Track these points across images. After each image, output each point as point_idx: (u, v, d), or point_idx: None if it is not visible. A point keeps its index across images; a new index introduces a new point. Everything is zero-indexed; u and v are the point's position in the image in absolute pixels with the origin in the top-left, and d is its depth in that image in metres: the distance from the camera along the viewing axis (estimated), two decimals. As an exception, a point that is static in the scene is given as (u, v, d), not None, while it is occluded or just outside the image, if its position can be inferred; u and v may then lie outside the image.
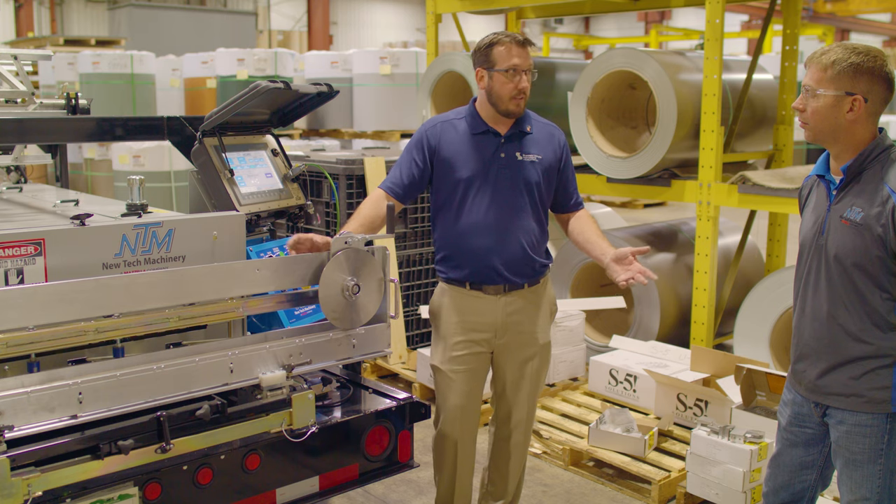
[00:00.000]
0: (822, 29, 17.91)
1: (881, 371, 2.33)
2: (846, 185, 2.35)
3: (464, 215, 3.02)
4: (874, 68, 2.26)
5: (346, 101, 10.01)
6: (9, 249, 2.39)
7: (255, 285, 2.64)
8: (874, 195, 2.28)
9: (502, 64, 2.93)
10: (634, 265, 2.85)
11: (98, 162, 10.28)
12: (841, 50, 2.28)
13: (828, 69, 2.27)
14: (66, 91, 4.54)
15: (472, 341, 3.07)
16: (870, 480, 2.39)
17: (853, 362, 2.36)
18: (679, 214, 10.55)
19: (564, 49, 26.92)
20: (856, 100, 2.27)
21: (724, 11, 4.80)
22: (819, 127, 2.33)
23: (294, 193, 3.50)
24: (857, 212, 2.30)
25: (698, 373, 4.32)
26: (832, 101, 2.28)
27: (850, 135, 2.32)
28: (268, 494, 2.66)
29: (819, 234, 2.41)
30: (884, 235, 2.25)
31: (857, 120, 2.30)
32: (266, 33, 22.68)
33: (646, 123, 5.88)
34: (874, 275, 2.29)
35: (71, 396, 2.22)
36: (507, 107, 2.97)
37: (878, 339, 2.33)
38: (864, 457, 2.38)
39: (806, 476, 2.58)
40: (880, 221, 2.25)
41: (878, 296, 2.31)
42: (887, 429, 2.36)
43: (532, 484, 4.00)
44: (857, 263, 2.30)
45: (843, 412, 2.40)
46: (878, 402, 2.34)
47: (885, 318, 2.31)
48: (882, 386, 2.33)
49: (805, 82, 2.34)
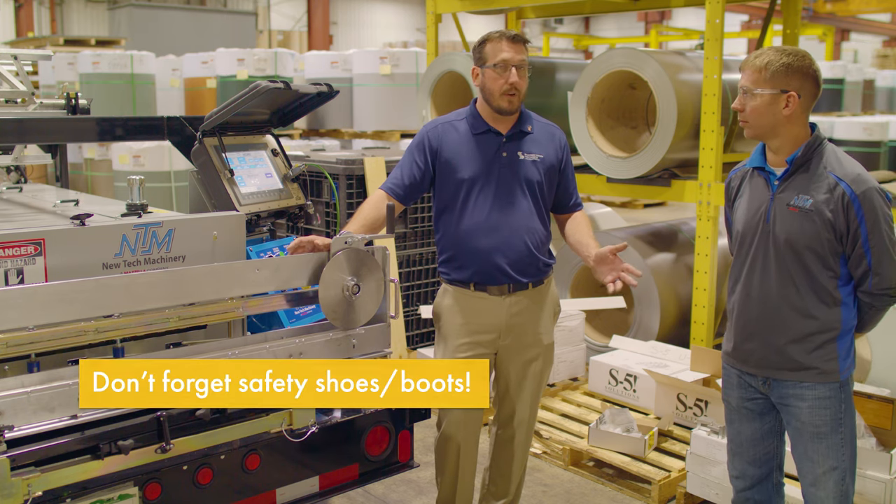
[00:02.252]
0: (822, 29, 17.90)
1: (828, 345, 2.54)
2: (789, 176, 2.54)
3: (467, 215, 3.01)
4: (803, 67, 2.48)
5: (346, 101, 10.00)
6: (9, 249, 2.40)
7: (255, 285, 2.64)
8: (820, 183, 2.49)
9: (492, 59, 2.93)
10: (618, 264, 2.85)
11: (98, 162, 10.28)
12: (773, 52, 2.50)
13: (762, 70, 2.48)
14: (66, 91, 4.53)
15: (476, 343, 3.07)
16: (836, 449, 2.57)
17: (805, 338, 2.55)
18: (679, 214, 10.55)
19: (564, 49, 26.92)
20: (790, 96, 2.47)
21: (724, 11, 4.80)
22: (758, 123, 2.53)
23: (294, 193, 3.50)
24: (806, 199, 2.50)
25: (698, 373, 4.32)
26: (769, 98, 2.49)
27: (787, 129, 2.52)
28: (268, 494, 2.66)
29: (764, 221, 2.59)
30: (833, 220, 2.47)
31: (793, 115, 2.50)
32: (266, 33, 22.67)
33: (646, 123, 5.88)
34: (823, 256, 2.51)
35: (71, 396, 2.22)
36: (499, 103, 2.96)
37: (823, 314, 2.54)
38: (828, 427, 2.56)
39: (769, 444, 2.74)
40: (829, 207, 2.46)
41: (825, 274, 2.52)
42: (842, 398, 2.57)
43: (532, 484, 4.00)
44: (808, 246, 2.50)
45: (801, 388, 2.57)
46: (830, 373, 2.55)
47: (830, 294, 2.53)
48: (830, 357, 2.54)
49: (742, 84, 2.54)
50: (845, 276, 2.54)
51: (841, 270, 2.53)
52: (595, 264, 2.91)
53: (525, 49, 2.96)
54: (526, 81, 2.97)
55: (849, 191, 2.45)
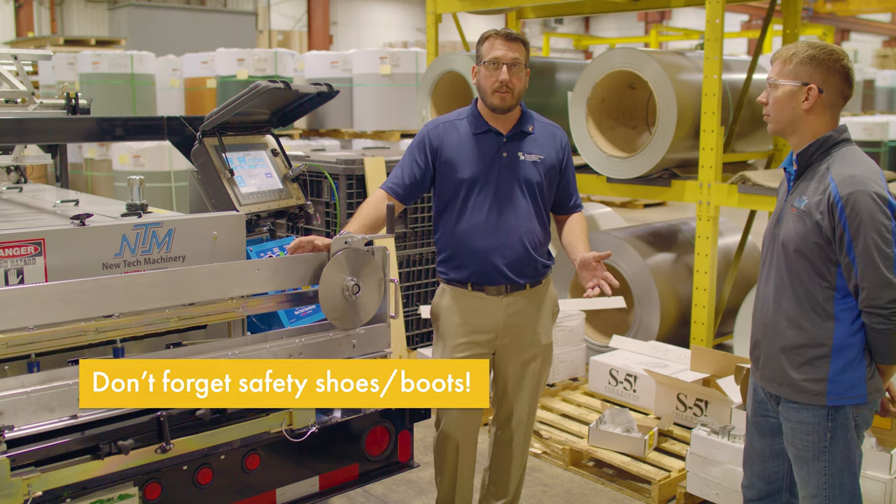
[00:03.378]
0: (822, 29, 17.89)
1: (817, 362, 2.38)
2: (800, 176, 2.46)
3: (466, 215, 3.02)
4: (829, 61, 2.36)
5: (346, 101, 10.00)
6: (9, 249, 2.40)
7: (255, 285, 2.64)
8: (819, 184, 2.37)
9: (486, 56, 2.95)
10: (599, 271, 2.86)
11: (98, 162, 10.28)
12: (802, 45, 2.40)
13: (787, 62, 2.39)
14: (66, 91, 4.53)
15: (474, 343, 3.07)
16: (815, 477, 2.43)
17: (792, 350, 2.42)
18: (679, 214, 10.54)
19: (564, 49, 26.91)
20: (810, 89, 2.36)
21: (724, 11, 4.80)
22: (778, 117, 2.44)
23: (294, 193, 3.50)
24: (803, 200, 2.40)
25: (698, 373, 4.32)
26: (789, 90, 2.39)
27: (807, 126, 2.41)
28: (268, 494, 2.66)
29: (777, 223, 2.52)
30: (821, 222, 2.33)
31: (813, 110, 2.38)
32: (266, 33, 22.67)
33: (646, 123, 5.88)
34: (814, 262, 2.37)
35: (71, 396, 2.22)
36: (491, 100, 2.97)
37: (813, 327, 2.39)
38: (809, 454, 2.43)
39: (778, 465, 2.63)
40: (819, 209, 2.34)
41: (817, 283, 2.38)
42: (829, 426, 2.39)
43: (532, 484, 4.00)
44: (798, 250, 2.39)
45: (788, 408, 2.46)
46: (813, 394, 2.39)
47: (822, 306, 2.38)
48: (818, 377, 2.38)
49: (768, 77, 2.46)
50: (843, 288, 2.35)
51: (838, 282, 2.35)
52: (579, 268, 2.92)
53: (522, 48, 2.96)
54: (522, 80, 2.97)
55: (835, 192, 2.29)
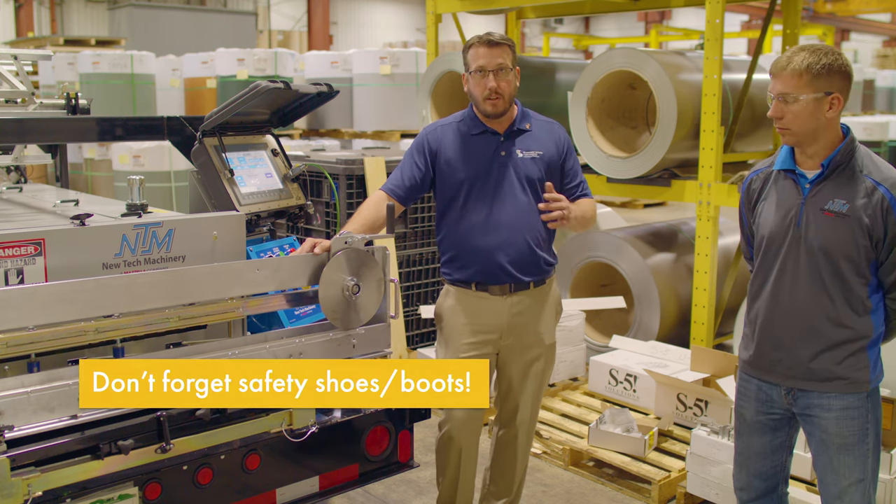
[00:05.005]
0: (822, 29, 17.90)
1: (859, 353, 2.47)
2: (823, 179, 2.46)
3: (468, 215, 3.03)
4: (842, 66, 2.38)
5: (346, 101, 10.01)
6: (9, 249, 2.40)
7: (255, 285, 2.64)
8: (857, 187, 2.41)
9: (472, 65, 2.98)
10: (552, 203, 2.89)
11: (98, 162, 10.28)
12: (808, 54, 2.37)
13: (803, 74, 2.36)
14: (66, 91, 4.53)
15: (479, 343, 3.07)
16: (862, 461, 2.50)
17: (835, 347, 2.47)
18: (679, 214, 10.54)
19: (564, 49, 26.92)
20: (835, 97, 2.38)
21: (724, 11, 4.80)
22: (802, 129, 2.41)
23: (294, 193, 3.50)
24: (842, 203, 2.41)
25: (698, 373, 4.32)
26: (813, 102, 2.37)
27: (828, 132, 2.43)
28: (268, 494, 2.66)
29: (794, 226, 2.49)
30: (871, 225, 2.38)
31: (835, 117, 2.41)
32: (266, 33, 22.67)
33: (646, 123, 5.88)
34: (858, 262, 2.43)
35: (71, 396, 2.22)
36: (484, 108, 3.00)
37: (855, 323, 2.46)
38: (854, 439, 2.49)
39: (778, 457, 2.69)
40: (867, 212, 2.38)
41: (857, 282, 2.44)
42: (869, 407, 2.50)
43: (532, 484, 4.00)
44: (843, 252, 2.42)
45: (828, 398, 2.49)
46: (860, 383, 2.48)
47: (862, 302, 2.46)
48: (861, 366, 2.47)
49: (778, 91, 2.41)
50: (874, 283, 2.47)
51: (871, 277, 2.45)
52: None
53: (507, 50, 2.96)
54: (510, 83, 2.98)
55: (889, 195, 2.37)
